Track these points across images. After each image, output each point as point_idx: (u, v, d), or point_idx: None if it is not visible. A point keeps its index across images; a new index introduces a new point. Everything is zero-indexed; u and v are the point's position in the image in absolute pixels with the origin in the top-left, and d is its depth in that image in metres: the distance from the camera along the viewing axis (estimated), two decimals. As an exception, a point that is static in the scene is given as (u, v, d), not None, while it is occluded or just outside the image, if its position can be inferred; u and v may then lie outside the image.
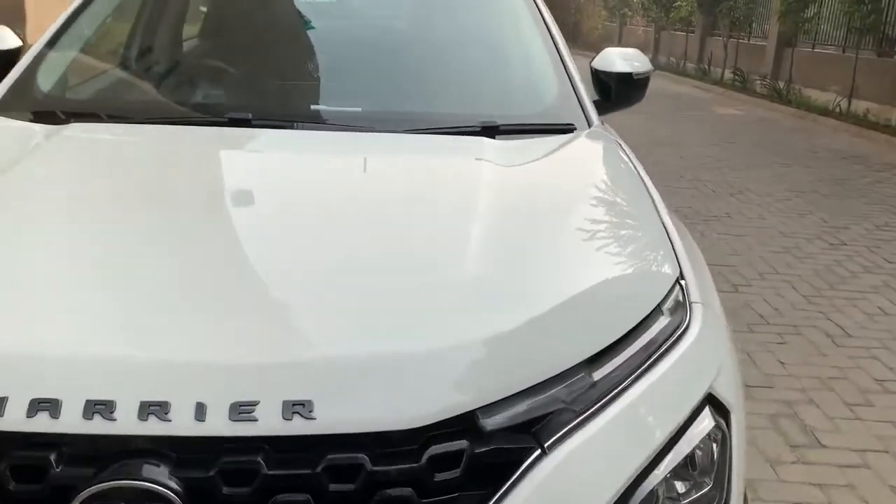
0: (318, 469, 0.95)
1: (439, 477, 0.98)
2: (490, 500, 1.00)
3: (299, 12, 2.42)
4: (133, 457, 0.93)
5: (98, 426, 0.92)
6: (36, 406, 0.93)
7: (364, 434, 0.96)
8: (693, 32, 18.00)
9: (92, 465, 0.92)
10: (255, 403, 0.95)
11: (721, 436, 1.25)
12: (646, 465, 1.11)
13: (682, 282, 1.37)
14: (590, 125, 2.05)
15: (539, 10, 2.38)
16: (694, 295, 1.37)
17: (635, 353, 1.20)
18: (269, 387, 0.97)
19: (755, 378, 3.13)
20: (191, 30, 2.36)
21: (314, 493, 0.94)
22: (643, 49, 2.89)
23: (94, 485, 0.91)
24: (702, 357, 1.27)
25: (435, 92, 2.13)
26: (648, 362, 1.19)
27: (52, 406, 0.93)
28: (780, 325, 3.76)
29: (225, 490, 0.92)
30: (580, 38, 24.41)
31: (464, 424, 1.01)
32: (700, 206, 6.01)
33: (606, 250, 1.42)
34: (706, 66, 16.32)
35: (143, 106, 2.01)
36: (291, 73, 2.17)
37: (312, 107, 2.07)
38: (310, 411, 0.95)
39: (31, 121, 1.84)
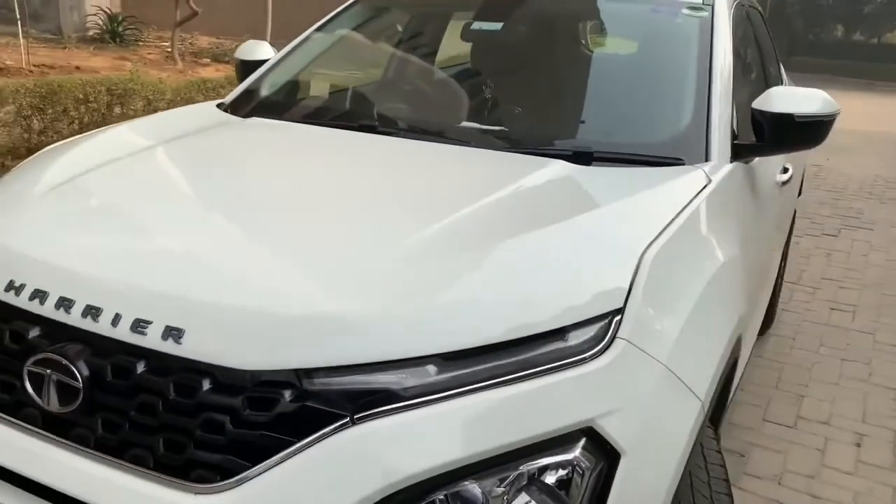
0: (173, 380, 1.22)
1: (255, 415, 1.18)
2: (289, 447, 1.16)
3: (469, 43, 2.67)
4: (70, 341, 1.29)
5: (62, 315, 1.31)
6: (29, 292, 1.35)
7: (209, 364, 1.20)
8: None
9: (45, 338, 1.31)
10: (149, 322, 1.25)
11: (596, 475, 1.22)
12: (465, 466, 1.16)
13: (618, 317, 1.32)
14: (708, 161, 1.96)
15: (712, 37, 2.29)
16: (626, 333, 1.31)
17: (502, 364, 1.23)
18: (162, 313, 1.26)
19: None
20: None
21: (164, 397, 1.21)
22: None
23: (40, 352, 1.29)
24: (590, 391, 1.24)
25: (551, 116, 2.21)
26: (510, 376, 1.22)
27: (41, 295, 1.34)
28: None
29: (109, 378, 1.24)
30: None
31: (290, 379, 1.19)
32: None
33: (538, 270, 1.39)
34: None
35: (302, 111, 2.44)
36: (432, 96, 2.43)
37: (424, 120, 2.30)
38: (179, 337, 1.22)
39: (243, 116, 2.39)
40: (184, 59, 10.69)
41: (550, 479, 1.22)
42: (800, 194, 4.44)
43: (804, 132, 2.11)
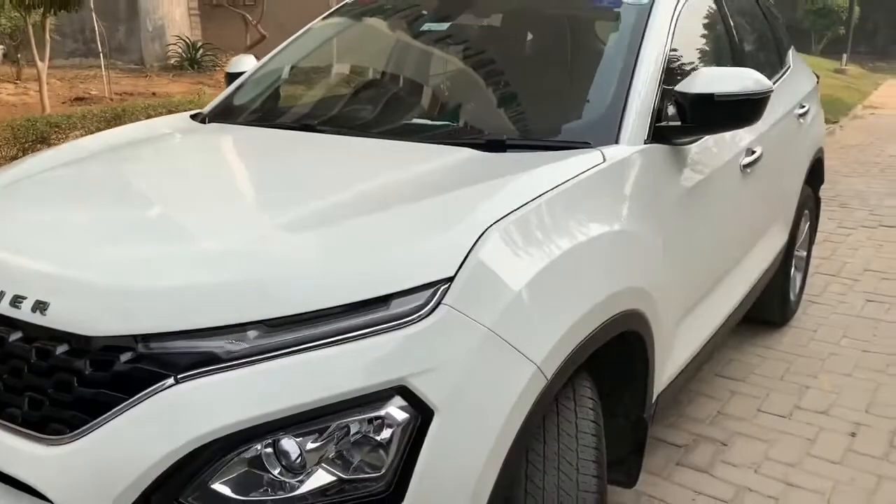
0: (36, 346, 1.40)
1: (97, 375, 1.34)
2: (122, 403, 1.32)
3: (406, 46, 2.80)
4: None
5: None
6: None
7: (65, 331, 1.38)
8: None
9: None
10: (24, 297, 1.44)
11: (409, 430, 1.32)
12: (278, 419, 1.29)
13: (447, 286, 1.41)
14: (618, 143, 2.02)
15: (646, 25, 2.33)
16: (451, 300, 1.40)
17: (323, 329, 1.35)
18: (34, 290, 1.45)
19: None
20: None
21: (28, 362, 1.40)
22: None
23: None
24: (405, 352, 1.34)
25: (472, 109, 2.30)
26: (327, 339, 1.33)
27: None
28: None
29: None
30: None
31: (128, 344, 1.35)
32: None
33: (373, 245, 1.49)
34: None
35: (254, 115, 2.63)
36: (367, 97, 2.58)
37: (355, 118, 2.45)
38: (45, 310, 1.41)
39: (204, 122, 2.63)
40: (255, 80, 11.20)
41: (363, 432, 1.32)
42: (822, 182, 4.31)
43: (728, 112, 2.12)
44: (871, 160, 9.06)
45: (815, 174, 4.06)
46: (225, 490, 1.30)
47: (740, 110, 2.14)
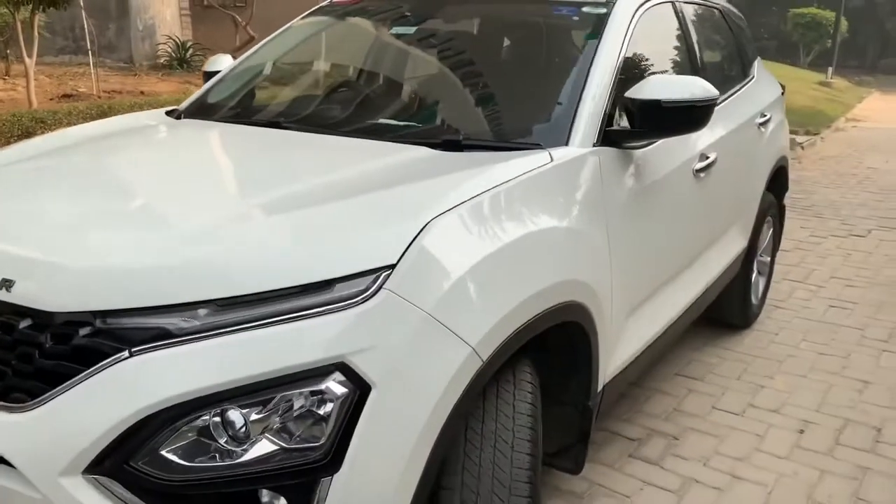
0: (2, 320, 1.50)
1: (57, 348, 1.44)
2: (78, 374, 1.42)
3: (375, 48, 2.92)
4: None
5: None
6: None
7: (29, 307, 1.48)
8: None
9: None
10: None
11: (347, 403, 1.42)
12: (224, 391, 1.39)
13: (389, 272, 1.52)
14: (568, 145, 2.13)
15: (601, 33, 2.45)
16: (392, 285, 1.51)
17: (270, 309, 1.45)
18: (1, 268, 1.55)
19: None
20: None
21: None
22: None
23: None
24: (345, 331, 1.44)
25: (432, 110, 2.42)
26: (273, 318, 1.44)
27: None
28: None
29: None
30: None
31: (87, 319, 1.45)
32: None
33: (321, 234, 1.60)
34: None
35: (227, 112, 2.73)
36: (336, 96, 2.68)
37: (320, 115, 2.55)
38: (10, 287, 1.50)
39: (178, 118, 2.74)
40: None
41: (305, 405, 1.42)
42: (786, 190, 4.44)
43: (675, 117, 2.23)
44: (848, 171, 9.23)
45: (779, 182, 4.19)
46: (173, 456, 1.39)
47: (686, 116, 2.25)
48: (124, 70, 11.87)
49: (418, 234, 1.59)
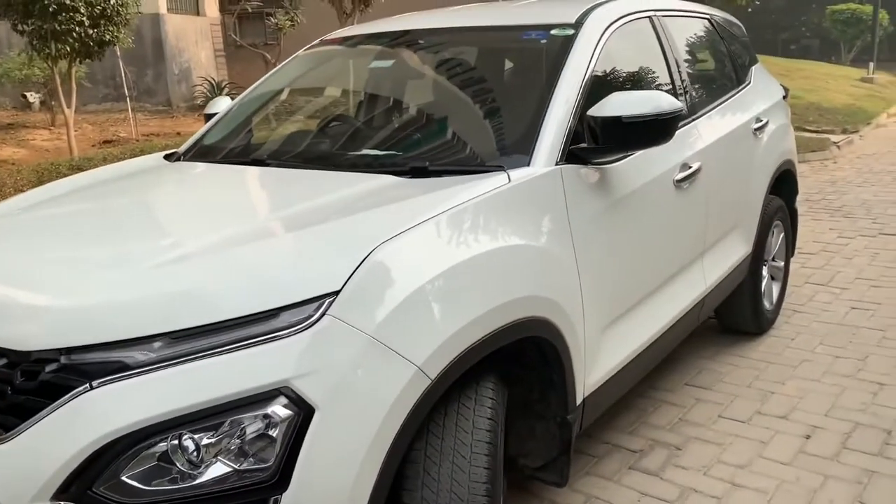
0: None
1: (26, 384, 1.57)
2: (44, 408, 1.53)
3: (352, 82, 3.04)
4: None
5: None
6: None
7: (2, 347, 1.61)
8: None
9: None
10: None
11: (292, 425, 1.51)
12: (177, 417, 1.49)
13: (332, 299, 1.60)
14: (530, 166, 2.20)
15: (567, 55, 2.51)
16: (336, 311, 1.59)
17: (220, 339, 1.55)
18: None
19: None
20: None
21: None
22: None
23: None
24: (289, 357, 1.53)
25: (400, 139, 2.51)
26: (222, 348, 1.54)
27: None
28: None
29: None
30: None
31: (53, 356, 1.57)
32: None
33: (266, 265, 1.70)
34: None
35: (216, 153, 2.87)
36: (312, 133, 2.82)
37: (294, 152, 2.69)
38: None
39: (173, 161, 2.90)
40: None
41: (253, 429, 1.51)
42: (796, 193, 4.40)
43: (638, 132, 2.28)
44: (884, 169, 9.02)
45: (785, 186, 4.16)
46: (133, 481, 1.49)
47: (649, 130, 2.30)
48: (162, 113, 12.32)
49: (363, 260, 1.67)
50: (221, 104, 3.31)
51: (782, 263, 4.30)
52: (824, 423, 3.18)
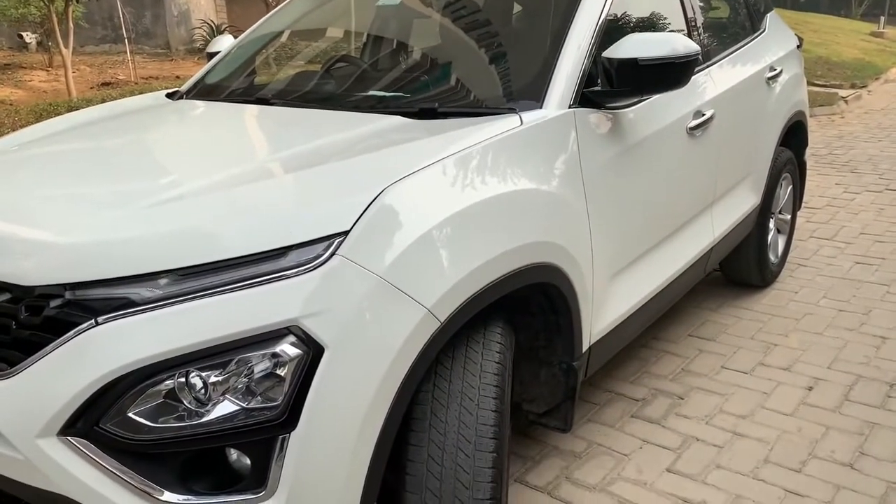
0: None
1: (31, 319, 1.54)
2: (50, 343, 1.51)
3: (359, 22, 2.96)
4: None
5: None
6: None
7: (4, 281, 1.59)
8: None
9: None
10: None
11: (301, 364, 1.49)
12: (185, 354, 1.47)
13: (342, 238, 1.57)
14: (542, 108, 2.15)
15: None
16: (346, 251, 1.56)
17: (228, 277, 1.52)
18: None
19: None
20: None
21: None
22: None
23: None
24: (299, 296, 1.50)
25: (410, 80, 2.44)
26: (230, 285, 1.51)
27: None
28: None
29: None
30: None
31: (58, 292, 1.54)
32: None
33: (275, 203, 1.67)
34: None
35: (220, 92, 2.81)
36: (319, 72, 2.75)
37: (308, 91, 2.61)
38: None
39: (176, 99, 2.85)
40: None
41: (261, 367, 1.49)
42: (805, 146, 4.34)
43: (653, 76, 2.22)
44: (892, 124, 8.92)
45: (796, 137, 4.10)
46: (140, 418, 1.48)
47: (665, 74, 2.23)
48: (161, 56, 12.12)
49: (373, 200, 1.63)
50: (224, 42, 3.23)
51: (789, 216, 4.27)
52: (826, 376, 3.19)
